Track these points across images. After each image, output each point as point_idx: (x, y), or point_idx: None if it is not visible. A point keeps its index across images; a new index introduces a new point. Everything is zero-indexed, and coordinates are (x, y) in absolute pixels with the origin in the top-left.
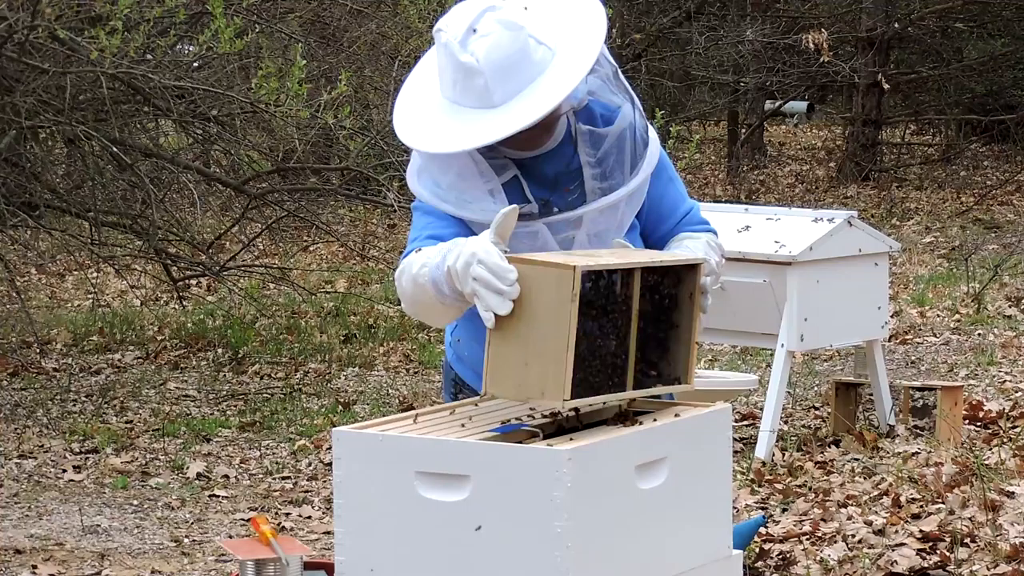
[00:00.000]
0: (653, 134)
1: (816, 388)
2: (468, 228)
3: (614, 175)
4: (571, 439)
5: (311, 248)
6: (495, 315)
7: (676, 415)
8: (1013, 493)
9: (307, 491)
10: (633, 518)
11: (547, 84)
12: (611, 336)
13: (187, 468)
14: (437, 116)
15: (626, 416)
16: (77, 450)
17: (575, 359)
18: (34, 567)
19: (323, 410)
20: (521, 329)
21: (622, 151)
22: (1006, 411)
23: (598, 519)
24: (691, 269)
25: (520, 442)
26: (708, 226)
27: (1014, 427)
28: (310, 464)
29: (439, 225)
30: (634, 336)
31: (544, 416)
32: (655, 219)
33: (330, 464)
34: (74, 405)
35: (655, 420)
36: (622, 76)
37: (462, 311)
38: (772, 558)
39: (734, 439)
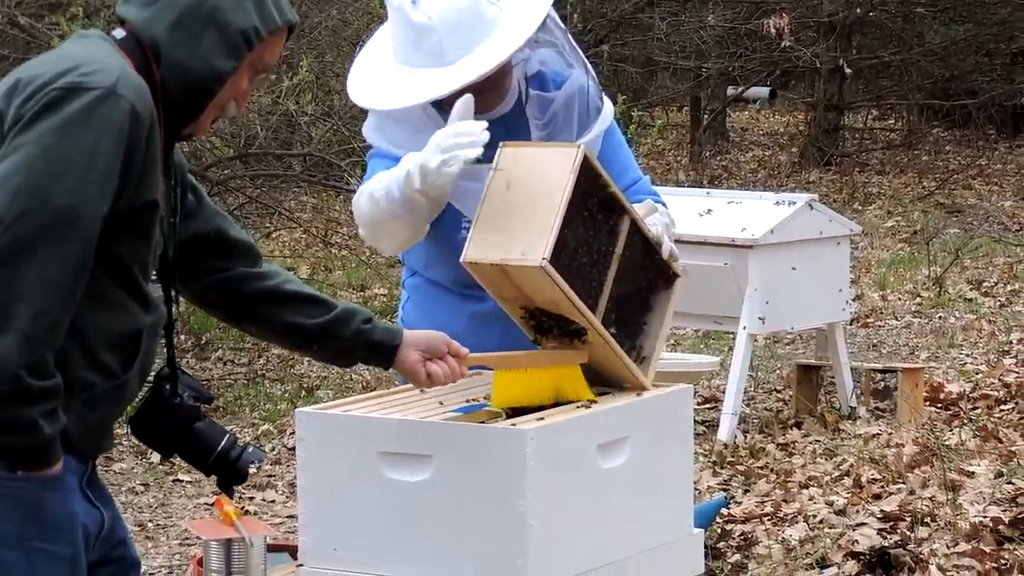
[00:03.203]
0: (608, 102)
1: (778, 371)
2: None
3: (561, 135)
4: (541, 419)
5: (274, 235)
6: (489, 191)
7: (637, 395)
8: (973, 473)
9: (271, 476)
10: (595, 497)
11: (496, 40)
12: (592, 251)
13: (150, 453)
14: (389, 76)
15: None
16: None
17: (558, 237)
18: None
19: (286, 395)
20: (514, 201)
21: (570, 112)
22: (966, 392)
23: (560, 498)
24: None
25: (483, 422)
26: (658, 197)
27: (974, 408)
28: (273, 449)
29: (393, 167)
30: (612, 275)
31: None
32: None
33: (293, 449)
34: None
35: (616, 400)
36: (572, 41)
37: (412, 226)
38: (734, 538)
39: (696, 422)
